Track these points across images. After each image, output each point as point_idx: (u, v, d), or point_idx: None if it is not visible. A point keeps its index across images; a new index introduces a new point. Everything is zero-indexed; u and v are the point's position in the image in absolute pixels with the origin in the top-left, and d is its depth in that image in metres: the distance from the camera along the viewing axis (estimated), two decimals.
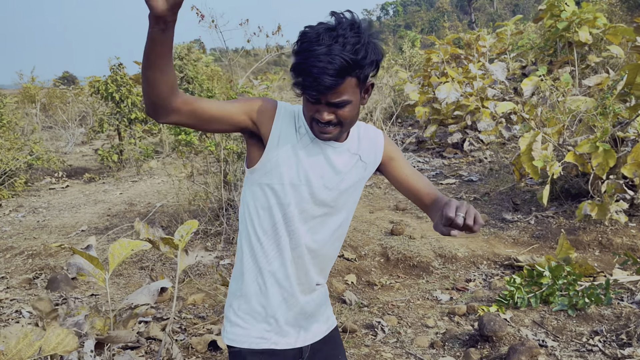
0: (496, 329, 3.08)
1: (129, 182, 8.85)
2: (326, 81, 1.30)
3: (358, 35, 1.32)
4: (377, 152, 1.59)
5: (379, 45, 1.40)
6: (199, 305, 3.93)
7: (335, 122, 1.40)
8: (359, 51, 1.31)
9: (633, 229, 4.60)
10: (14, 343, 1.47)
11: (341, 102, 1.36)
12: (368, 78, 1.40)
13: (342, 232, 1.63)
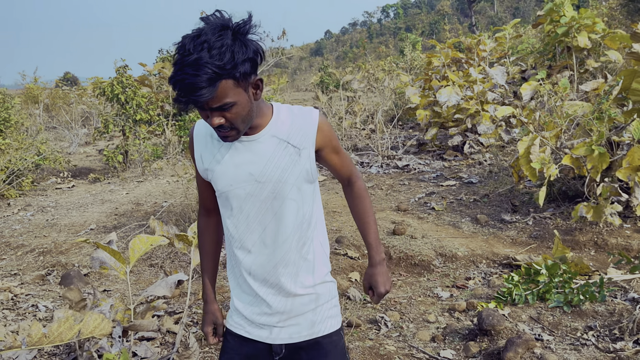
0: (494, 323, 3.23)
1: (134, 182, 9.01)
2: (197, 94, 1.32)
3: (221, 38, 1.32)
4: (309, 136, 1.56)
5: (250, 41, 1.39)
6: None
7: (228, 125, 1.43)
8: (224, 55, 1.32)
9: (628, 230, 4.75)
10: (56, 326, 1.62)
11: (223, 106, 1.38)
12: (248, 75, 1.39)
13: (290, 233, 1.58)
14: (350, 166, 1.72)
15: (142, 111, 9.92)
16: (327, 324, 1.66)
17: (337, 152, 1.67)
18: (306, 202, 1.60)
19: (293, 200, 1.57)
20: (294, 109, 1.59)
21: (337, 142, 1.65)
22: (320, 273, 1.66)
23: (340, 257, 4.82)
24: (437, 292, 4.16)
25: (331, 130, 1.62)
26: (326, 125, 1.61)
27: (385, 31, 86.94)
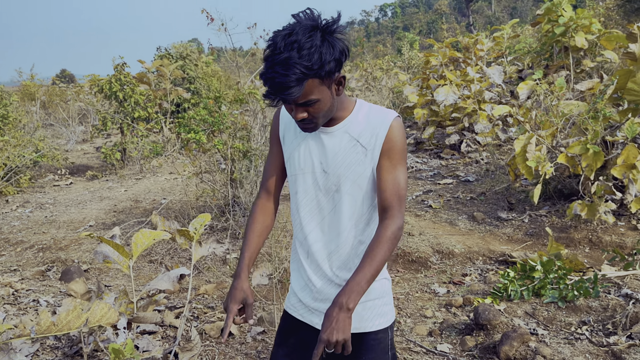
0: (490, 318, 3.29)
1: (132, 179, 9.03)
2: (286, 92, 1.39)
3: (311, 38, 1.38)
4: (377, 139, 1.55)
5: (337, 41, 1.44)
6: (209, 296, 4.12)
7: (309, 119, 1.50)
8: (312, 55, 1.37)
9: (622, 227, 4.82)
10: (64, 315, 1.66)
11: (308, 102, 1.45)
12: (332, 74, 1.45)
13: (350, 229, 1.61)
14: (392, 197, 1.55)
15: (140, 109, 9.94)
16: (376, 321, 1.66)
17: (394, 170, 1.56)
18: (367, 204, 1.61)
19: (352, 197, 1.59)
20: (373, 109, 1.60)
21: (398, 158, 1.56)
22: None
23: None
24: (434, 288, 4.22)
25: (401, 141, 1.56)
26: (397, 132, 1.55)
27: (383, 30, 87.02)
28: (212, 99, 5.41)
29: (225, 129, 5.35)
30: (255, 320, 3.59)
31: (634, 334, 3.13)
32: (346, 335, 1.43)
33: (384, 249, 1.50)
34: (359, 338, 1.65)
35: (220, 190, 5.52)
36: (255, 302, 4.00)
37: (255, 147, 5.47)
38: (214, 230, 5.42)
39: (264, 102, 1.53)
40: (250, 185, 5.59)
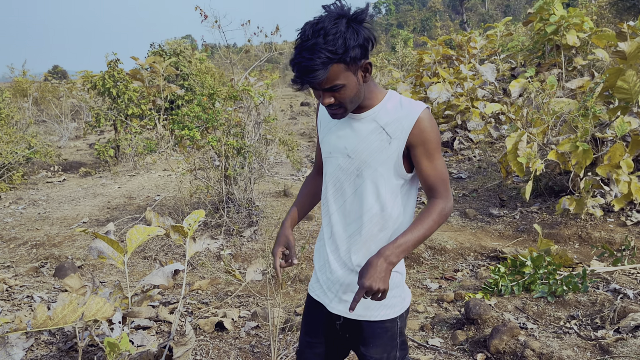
0: (481, 313, 3.34)
1: (126, 176, 9.03)
2: (311, 75, 1.45)
3: (336, 25, 1.44)
4: (403, 129, 1.58)
5: (362, 28, 1.49)
6: (203, 292, 4.15)
7: (337, 104, 1.56)
8: (337, 41, 1.43)
9: (611, 224, 4.88)
10: (60, 309, 1.68)
11: (334, 87, 1.51)
12: (358, 60, 1.49)
13: (371, 215, 1.65)
14: (437, 182, 1.62)
15: (134, 105, 9.92)
16: (382, 312, 1.70)
17: (430, 158, 1.60)
18: (389, 192, 1.65)
19: (374, 184, 1.64)
20: (404, 101, 1.63)
21: (433, 148, 1.60)
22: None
23: None
24: (426, 284, 4.27)
25: (433, 131, 1.59)
26: (427, 123, 1.58)
27: (377, 27, 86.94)
28: (205, 95, 5.43)
29: (219, 126, 5.37)
30: (249, 314, 3.62)
31: (621, 328, 3.19)
32: (386, 285, 1.51)
33: (433, 220, 1.58)
34: (367, 325, 1.71)
35: (214, 187, 5.54)
36: (249, 297, 4.03)
37: (249, 144, 5.49)
38: (207, 226, 5.45)
39: (293, 87, 1.57)
40: (244, 182, 5.62)
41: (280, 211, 6.05)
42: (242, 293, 4.12)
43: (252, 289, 4.16)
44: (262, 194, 6.56)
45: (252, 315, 3.53)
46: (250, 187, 5.65)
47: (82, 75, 11.81)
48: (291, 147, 6.17)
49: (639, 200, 4.86)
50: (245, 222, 5.44)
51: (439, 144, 1.62)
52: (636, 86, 5.27)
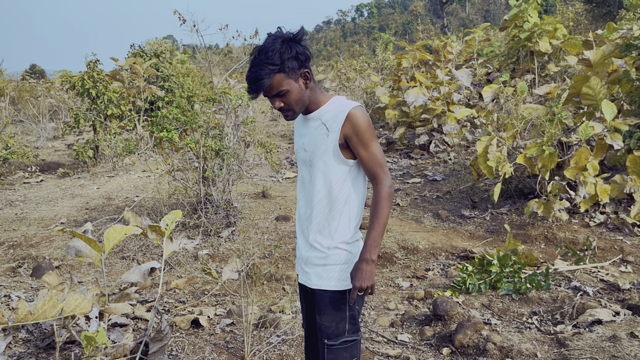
0: (448, 309, 3.49)
1: (105, 177, 9.02)
2: (258, 84, 1.83)
3: (274, 44, 1.83)
4: (337, 123, 1.90)
5: (295, 45, 1.86)
6: (180, 291, 4.23)
7: (286, 108, 1.92)
8: (274, 56, 1.81)
9: (575, 225, 5.09)
10: (41, 304, 1.76)
11: (279, 92, 1.87)
12: (296, 69, 1.86)
13: (320, 198, 1.96)
14: (375, 167, 1.92)
15: (114, 106, 9.91)
16: (332, 283, 1.99)
17: (365, 147, 1.90)
18: (334, 177, 1.95)
19: (320, 172, 1.96)
20: (342, 102, 1.95)
21: (367, 137, 1.89)
22: (337, 241, 1.98)
23: None
24: (398, 282, 4.41)
25: (363, 124, 1.88)
26: (357, 117, 1.88)
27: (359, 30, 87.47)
28: (184, 98, 5.51)
29: (198, 128, 5.45)
30: (225, 311, 3.72)
31: (579, 323, 3.37)
32: (371, 282, 1.89)
33: (383, 206, 1.90)
34: (320, 294, 2.01)
35: (193, 188, 5.61)
36: (225, 296, 4.13)
37: (227, 146, 5.58)
38: (186, 227, 5.52)
39: (250, 96, 1.95)
40: (223, 184, 5.70)
41: (259, 212, 6.15)
42: (218, 292, 4.21)
43: (228, 288, 4.26)
44: (240, 195, 6.65)
45: (227, 312, 3.63)
46: (228, 188, 5.74)
47: (61, 75, 11.75)
48: (269, 149, 6.27)
49: (604, 201, 5.08)
50: (223, 223, 5.53)
51: (372, 134, 1.91)
52: (600, 93, 5.51)
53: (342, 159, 1.93)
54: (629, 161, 5.17)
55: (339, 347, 2.00)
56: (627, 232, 4.86)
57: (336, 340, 1.99)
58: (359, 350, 2.07)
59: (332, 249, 1.98)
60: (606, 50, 5.82)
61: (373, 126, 1.93)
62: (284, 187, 7.76)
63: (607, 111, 5.07)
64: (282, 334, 3.37)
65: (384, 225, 1.90)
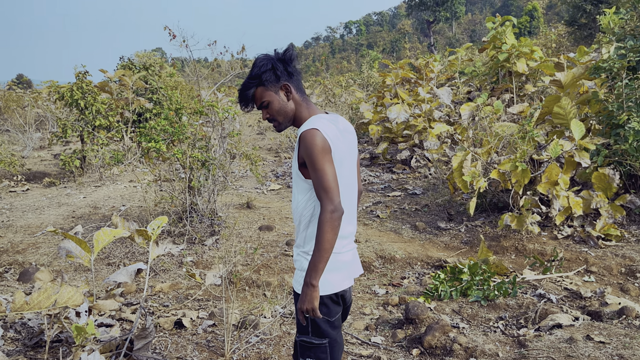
0: (419, 313, 3.69)
1: (91, 187, 9.13)
2: (240, 96, 2.08)
3: (257, 61, 2.07)
4: (297, 146, 2.01)
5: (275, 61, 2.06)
6: (164, 295, 4.38)
7: (271, 118, 2.11)
8: (253, 71, 2.06)
9: (544, 237, 5.35)
10: (36, 295, 1.92)
11: (262, 104, 2.08)
12: (273, 82, 2.05)
13: (295, 211, 2.10)
14: (319, 191, 1.93)
15: (102, 117, 10.06)
16: (298, 286, 2.10)
17: (312, 170, 1.94)
18: (300, 195, 2.07)
19: (294, 187, 2.11)
20: (311, 121, 2.04)
21: (313, 160, 1.92)
22: (302, 249, 2.10)
23: (289, 257, 5.20)
24: (374, 289, 4.61)
25: (310, 147, 1.92)
26: (306, 140, 1.94)
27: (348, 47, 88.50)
28: (173, 110, 5.70)
29: (185, 139, 5.64)
30: (207, 314, 3.88)
31: (541, 327, 3.59)
32: (311, 305, 1.93)
33: (322, 232, 1.90)
34: (293, 292, 2.15)
35: (179, 198, 5.78)
36: (208, 300, 4.29)
37: (213, 157, 5.77)
38: (171, 235, 5.67)
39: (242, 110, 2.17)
40: (208, 194, 5.88)
41: (242, 222, 6.32)
42: (201, 297, 4.37)
43: (211, 292, 4.42)
44: (225, 206, 6.82)
45: (209, 315, 3.79)
46: (213, 198, 5.91)
47: (48, 85, 11.86)
48: (255, 162, 6.47)
49: (578, 213, 5.32)
50: (208, 232, 5.70)
51: (320, 158, 1.92)
52: (571, 113, 5.81)
53: (302, 178, 2.03)
54: (594, 178, 5.46)
55: (303, 344, 2.08)
56: (592, 244, 5.12)
57: (302, 337, 2.08)
58: (327, 355, 2.08)
59: (299, 255, 2.11)
60: (576, 73, 6.15)
61: (327, 149, 1.94)
62: (268, 199, 7.95)
63: (576, 130, 5.36)
64: (260, 334, 3.54)
65: (324, 251, 1.89)
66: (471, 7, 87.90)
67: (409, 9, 59.30)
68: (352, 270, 2.18)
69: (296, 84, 2.11)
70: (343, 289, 2.10)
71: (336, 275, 2.08)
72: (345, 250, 2.13)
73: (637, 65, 5.56)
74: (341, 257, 2.10)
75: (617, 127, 5.58)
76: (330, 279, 2.07)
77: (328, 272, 2.06)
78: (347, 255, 2.14)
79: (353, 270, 2.19)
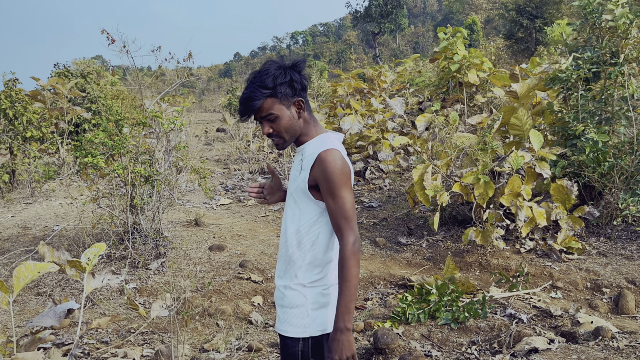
0: (389, 342, 3.40)
1: (21, 204, 8.35)
2: (249, 104, 1.78)
3: (267, 69, 1.80)
4: (309, 164, 1.79)
5: (291, 72, 1.82)
6: (103, 330, 3.88)
7: (275, 134, 1.85)
8: (267, 79, 1.77)
9: (507, 251, 5.22)
10: None
11: (268, 116, 1.81)
12: (289, 96, 1.81)
13: (288, 235, 1.85)
14: (339, 220, 1.74)
15: (34, 128, 9.28)
16: (286, 327, 1.84)
17: (332, 195, 1.75)
18: (303, 217, 1.84)
19: (291, 209, 1.88)
20: (323, 140, 1.84)
21: (334, 186, 1.73)
22: (295, 282, 1.84)
23: (244, 281, 4.81)
24: None
25: (332, 170, 1.73)
26: (327, 162, 1.74)
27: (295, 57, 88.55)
28: (112, 121, 5.20)
29: (126, 153, 5.14)
30: (153, 352, 3.43)
31: (516, 352, 3.38)
32: (351, 351, 1.71)
33: (348, 267, 1.71)
34: (280, 337, 1.88)
35: (119, 217, 5.27)
36: (153, 334, 3.83)
37: (158, 172, 5.30)
38: (111, 259, 5.14)
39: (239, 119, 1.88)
40: (152, 212, 5.39)
41: (191, 241, 5.86)
42: (146, 330, 3.90)
43: (157, 325, 3.96)
44: (171, 224, 6.33)
45: (155, 354, 3.34)
46: (158, 216, 5.43)
47: None
48: (203, 175, 6.03)
49: (542, 224, 5.21)
50: (152, 254, 5.21)
51: (341, 183, 1.74)
52: (527, 124, 5.75)
53: (312, 199, 1.82)
54: (552, 189, 5.40)
55: None
56: (555, 258, 5.03)
57: None
58: None
59: (288, 289, 1.85)
60: (531, 83, 6.12)
61: (348, 173, 1.78)
62: (218, 215, 7.50)
63: (535, 141, 5.29)
64: None
65: (354, 288, 1.72)
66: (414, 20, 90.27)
67: (354, 21, 60.00)
68: None
69: (307, 99, 1.90)
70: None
71: (331, 311, 1.85)
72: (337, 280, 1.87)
73: (593, 76, 5.57)
74: (335, 289, 1.85)
75: (573, 138, 5.56)
76: (326, 315, 1.83)
77: (323, 307, 1.83)
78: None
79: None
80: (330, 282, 1.86)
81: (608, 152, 5.28)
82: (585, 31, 5.86)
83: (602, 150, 5.24)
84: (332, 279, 1.86)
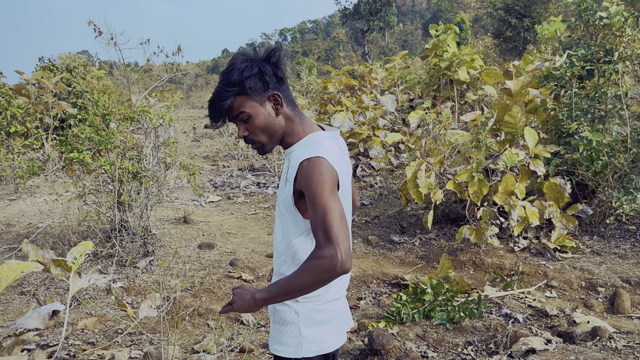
0: (384, 343, 3.33)
1: (5, 200, 8.15)
2: (217, 105, 1.59)
3: (233, 63, 1.59)
4: (293, 174, 1.58)
5: (260, 63, 1.60)
6: (89, 331, 3.76)
7: (250, 138, 1.64)
8: (231, 76, 1.57)
9: (501, 250, 5.17)
10: None
11: (239, 115, 1.60)
12: (259, 91, 1.59)
13: (280, 250, 1.67)
14: (317, 230, 1.46)
15: (18, 123, 9.08)
16: (276, 346, 1.67)
17: (312, 204, 1.49)
18: (292, 231, 1.63)
19: (279, 219, 1.68)
20: (311, 143, 1.60)
21: (313, 193, 1.48)
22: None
23: (234, 280, 4.71)
24: None
25: (311, 179, 1.50)
26: (307, 170, 1.51)
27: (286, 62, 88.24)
28: (99, 116, 5.05)
29: (114, 149, 5.01)
30: (141, 354, 3.33)
31: (513, 352, 3.33)
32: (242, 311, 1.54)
33: (302, 274, 1.42)
34: (273, 356, 1.71)
35: (106, 214, 5.13)
36: (142, 335, 3.72)
37: (146, 168, 5.18)
38: (98, 257, 5.01)
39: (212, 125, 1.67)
40: (140, 209, 5.27)
41: (180, 239, 5.74)
42: (134, 330, 3.79)
43: (145, 326, 3.85)
44: (160, 221, 6.20)
45: (144, 356, 3.24)
46: (146, 213, 5.31)
47: None
48: (192, 172, 5.91)
49: (535, 223, 5.17)
50: (140, 252, 5.08)
51: (321, 191, 1.48)
52: (520, 121, 5.71)
53: (301, 217, 1.60)
54: (545, 187, 5.36)
55: None
56: (549, 256, 5.00)
57: None
58: None
59: (279, 304, 1.66)
60: (524, 81, 6.08)
61: (334, 180, 1.51)
62: (208, 212, 7.38)
63: (530, 139, 5.24)
64: None
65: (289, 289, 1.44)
66: (403, 18, 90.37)
67: (343, 18, 59.87)
68: (345, 323, 1.75)
69: (286, 93, 1.66)
70: (336, 348, 1.68)
71: (329, 329, 1.66)
72: (339, 295, 1.70)
73: (586, 74, 5.54)
74: (335, 305, 1.68)
75: (566, 136, 5.53)
76: (322, 334, 1.64)
77: (319, 325, 1.64)
78: (340, 303, 1.72)
79: (346, 323, 1.76)
80: (328, 297, 1.66)
81: (601, 151, 5.25)
82: (579, 29, 5.83)
83: (595, 149, 5.22)
84: (329, 294, 1.67)
